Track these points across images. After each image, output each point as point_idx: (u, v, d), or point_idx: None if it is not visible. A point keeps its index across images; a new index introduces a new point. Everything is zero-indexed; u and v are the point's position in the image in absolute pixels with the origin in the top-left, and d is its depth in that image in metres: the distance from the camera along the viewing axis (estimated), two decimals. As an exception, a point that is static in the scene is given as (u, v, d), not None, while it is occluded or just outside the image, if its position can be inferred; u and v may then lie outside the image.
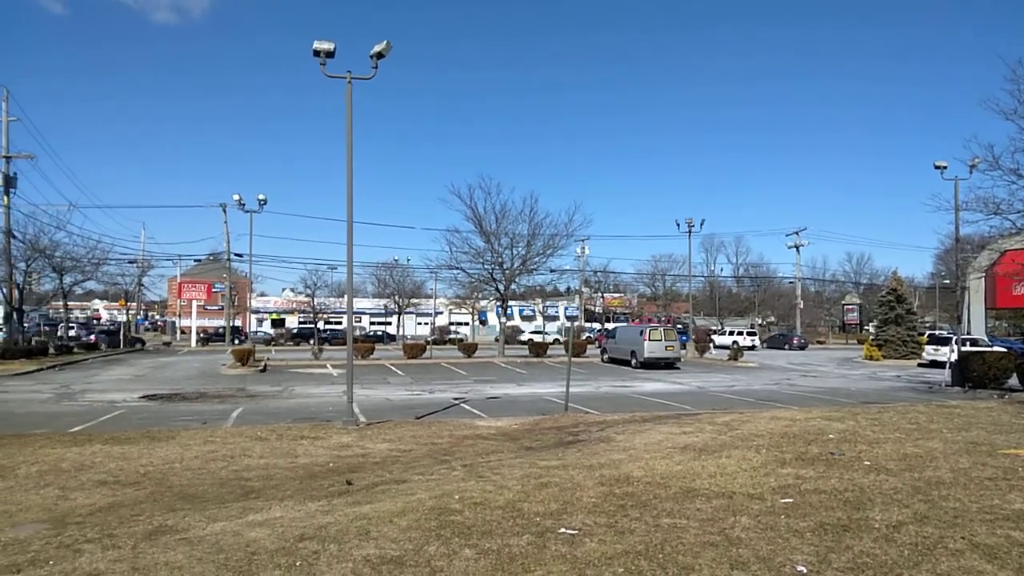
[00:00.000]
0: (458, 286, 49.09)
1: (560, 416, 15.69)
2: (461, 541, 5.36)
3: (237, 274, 64.78)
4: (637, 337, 34.49)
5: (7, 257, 37.23)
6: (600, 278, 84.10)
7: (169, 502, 7.46)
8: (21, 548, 5.71)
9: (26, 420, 15.71)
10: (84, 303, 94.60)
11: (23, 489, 8.16)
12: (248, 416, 16.56)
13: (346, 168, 15.12)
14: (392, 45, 14.28)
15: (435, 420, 15.54)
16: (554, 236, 40.80)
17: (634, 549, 5.15)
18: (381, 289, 75.30)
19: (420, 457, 10.38)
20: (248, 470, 9.38)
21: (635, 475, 7.87)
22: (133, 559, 5.18)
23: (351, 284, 16.38)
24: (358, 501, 6.96)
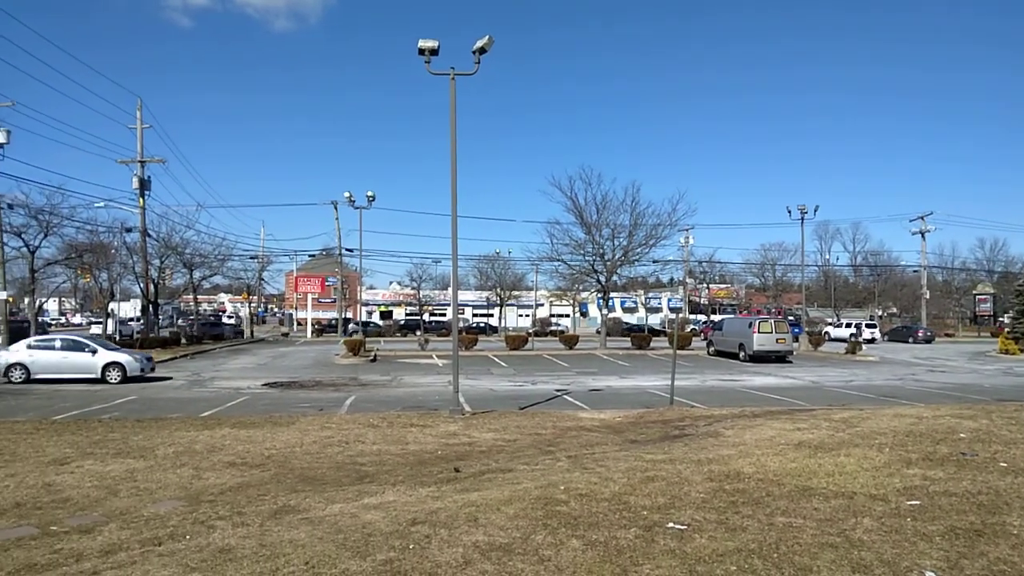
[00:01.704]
0: (559, 278, 49.17)
1: (665, 410, 15.43)
2: (568, 531, 5.39)
3: (348, 268, 67.58)
4: (746, 329, 33.35)
5: (143, 254, 40.51)
6: (705, 268, 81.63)
7: (291, 484, 7.91)
8: (161, 523, 6.23)
9: (164, 405, 17.09)
10: (211, 296, 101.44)
11: (162, 468, 8.88)
12: (360, 404, 17.29)
13: (450, 163, 15.45)
14: (494, 39, 14.42)
15: (538, 411, 15.66)
16: (657, 226, 40.02)
17: (747, 547, 5.00)
18: (483, 281, 76.49)
19: (525, 447, 10.50)
20: (362, 455, 9.80)
21: (746, 471, 7.63)
22: (260, 536, 5.54)
23: (456, 277, 16.74)
24: (466, 488, 7.13)
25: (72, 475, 8.41)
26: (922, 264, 65.34)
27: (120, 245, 41.36)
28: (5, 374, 21.50)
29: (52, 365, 21.90)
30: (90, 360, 22.01)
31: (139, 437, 11.16)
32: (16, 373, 21.54)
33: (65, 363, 21.94)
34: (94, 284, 43.72)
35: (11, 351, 22.26)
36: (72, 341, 23.09)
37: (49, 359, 21.96)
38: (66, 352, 22.17)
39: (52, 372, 21.82)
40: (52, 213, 32.40)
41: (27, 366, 21.65)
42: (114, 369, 21.93)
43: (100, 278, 41.51)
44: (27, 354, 21.90)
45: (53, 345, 22.69)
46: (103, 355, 22.21)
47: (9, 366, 21.60)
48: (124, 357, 22.47)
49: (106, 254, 39.43)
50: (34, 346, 22.50)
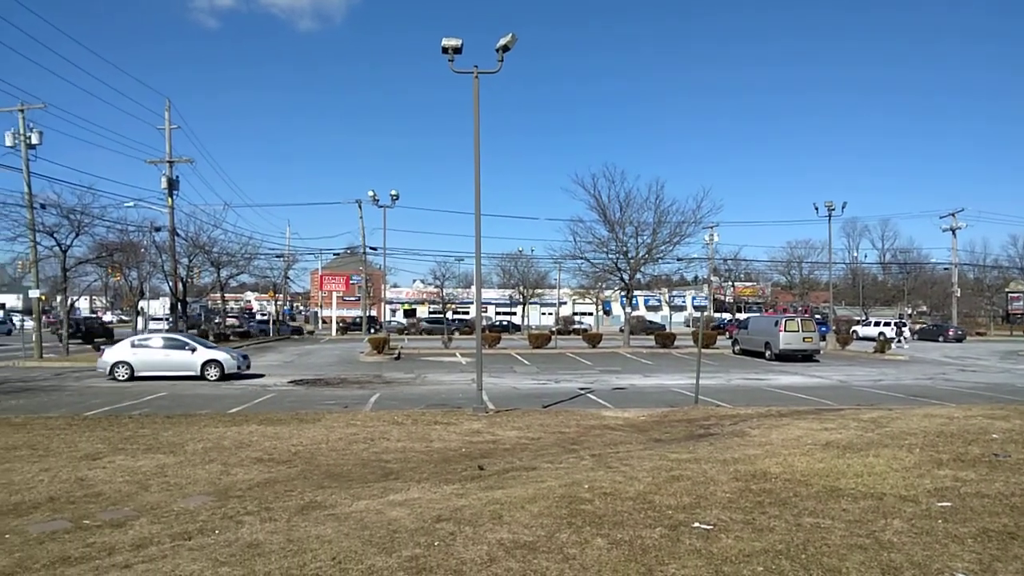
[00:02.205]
0: (582, 276, 48.98)
1: (690, 408, 15.32)
2: (592, 530, 5.38)
3: (372, 266, 68.05)
4: (772, 328, 32.99)
5: (172, 253, 41.13)
6: (730, 266, 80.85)
7: (317, 480, 8.00)
8: (191, 517, 6.33)
9: (192, 402, 17.35)
10: (238, 295, 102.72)
11: (191, 464, 9.02)
12: (385, 401, 17.41)
13: (474, 162, 15.48)
14: (517, 37, 14.41)
15: (562, 409, 15.64)
16: (681, 224, 39.64)
17: (774, 548, 4.95)
18: (506, 279, 76.60)
19: (548, 445, 10.49)
20: (387, 452, 9.87)
21: (772, 471, 7.56)
22: (288, 531, 5.60)
23: (479, 275, 16.77)
24: (490, 486, 7.15)
25: (104, 470, 8.57)
26: (953, 261, 64.09)
27: (149, 244, 42.07)
28: (111, 372, 21.88)
29: (154, 363, 22.28)
30: (190, 358, 22.34)
31: (169, 433, 11.34)
32: (121, 371, 21.91)
33: (167, 361, 22.34)
34: (124, 282, 44.54)
35: (116, 349, 22.64)
36: (172, 339, 23.48)
37: (151, 357, 22.34)
38: (168, 350, 22.55)
39: (154, 370, 22.23)
40: (83, 213, 32.98)
41: (131, 364, 22.01)
42: (213, 367, 22.26)
43: (130, 276, 42.27)
44: (131, 352, 22.26)
45: (155, 343, 23.03)
46: (202, 353, 22.54)
47: (114, 364, 21.97)
48: (222, 355, 22.80)
49: (136, 253, 40.12)
50: (137, 344, 22.84)
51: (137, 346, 22.74)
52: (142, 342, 23.20)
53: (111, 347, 22.97)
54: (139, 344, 22.93)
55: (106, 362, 22.19)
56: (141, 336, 24.48)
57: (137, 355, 22.26)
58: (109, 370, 21.96)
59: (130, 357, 22.15)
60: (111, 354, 22.45)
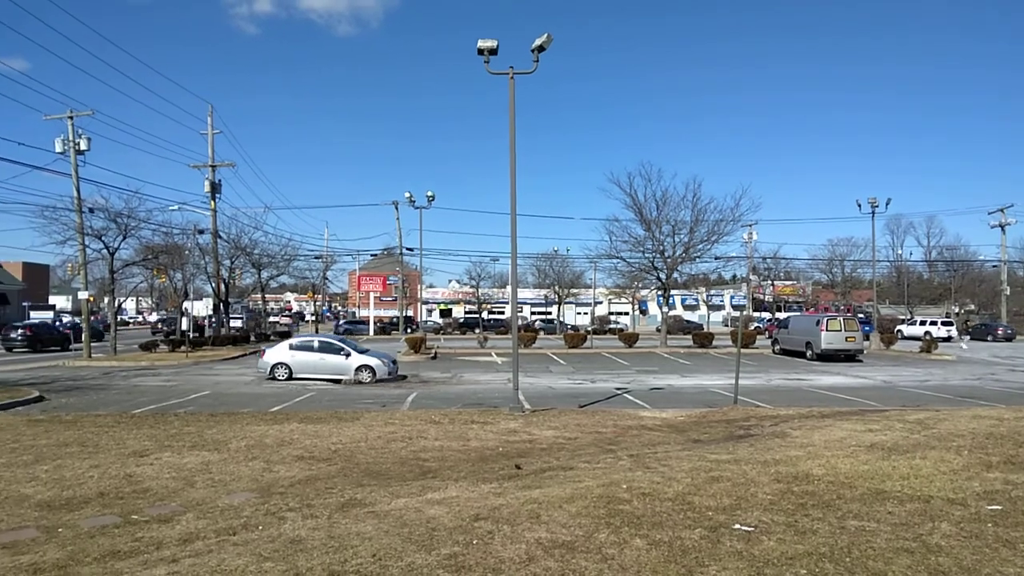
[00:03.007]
0: (618, 275, 48.48)
1: (729, 409, 15.12)
2: (631, 531, 5.34)
3: (408, 267, 68.59)
4: (813, 327, 32.38)
5: (215, 255, 42.07)
6: (770, 265, 79.70)
7: (357, 478, 8.09)
8: (235, 513, 6.46)
9: (235, 400, 17.72)
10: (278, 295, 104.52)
11: (235, 461, 9.20)
12: (422, 400, 17.54)
13: (510, 162, 15.50)
14: (552, 38, 14.38)
15: (598, 409, 15.57)
16: (719, 222, 39.11)
17: (817, 551, 4.87)
18: (541, 279, 76.44)
19: (585, 445, 10.46)
20: (424, 451, 9.95)
21: (815, 473, 7.42)
22: (329, 528, 5.68)
23: (515, 275, 16.79)
24: (528, 485, 7.15)
25: (151, 466, 8.79)
26: (1002, 258, 62.11)
27: (193, 246, 43.05)
28: (271, 372, 22.42)
29: (311, 365, 22.62)
30: (344, 362, 22.57)
31: (213, 431, 11.59)
32: (280, 371, 22.43)
33: (322, 364, 22.61)
34: (169, 284, 45.62)
35: (276, 351, 23.06)
36: (328, 343, 23.66)
37: (308, 359, 22.68)
38: (323, 354, 22.80)
39: (310, 372, 22.53)
40: (130, 216, 33.93)
41: (290, 366, 22.49)
42: (365, 371, 22.40)
43: (175, 278, 43.26)
44: (290, 355, 22.72)
45: (312, 346, 23.29)
46: (356, 358, 22.68)
47: (274, 365, 22.51)
48: (374, 360, 22.82)
49: (180, 255, 41.08)
50: (295, 347, 23.21)
51: (295, 349, 23.08)
52: (299, 345, 23.48)
53: (271, 348, 23.39)
54: (297, 347, 23.25)
55: (266, 363, 22.68)
56: (300, 339, 24.71)
57: (295, 357, 22.66)
58: (269, 371, 22.48)
59: (289, 359, 22.60)
60: (271, 355, 22.85)
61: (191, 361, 30.66)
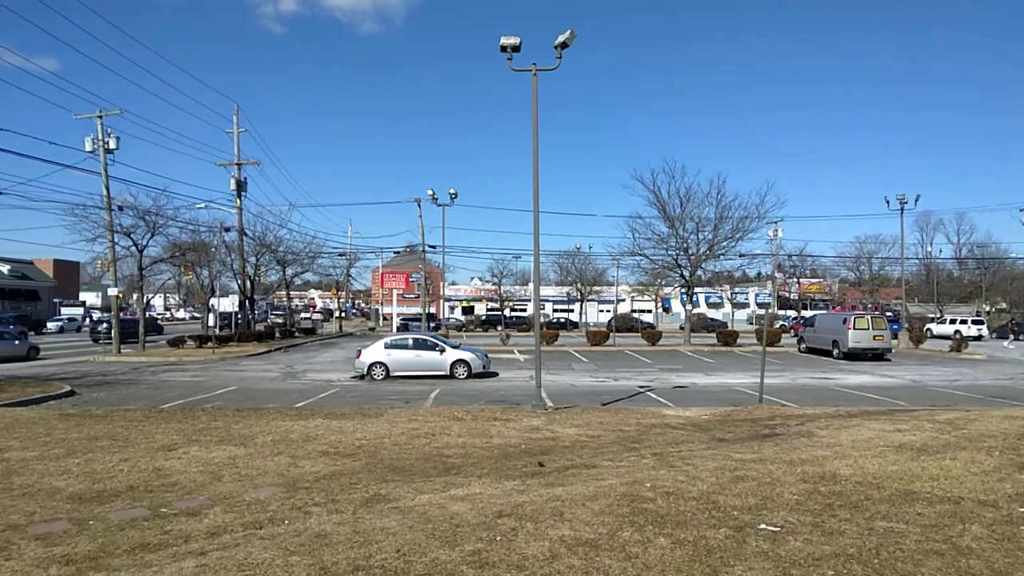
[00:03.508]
0: (641, 273, 48.24)
1: (754, 408, 14.98)
2: (655, 529, 5.32)
3: (431, 264, 68.82)
4: (840, 325, 31.93)
5: (240, 252, 42.57)
6: (796, 262, 78.51)
7: (381, 473, 8.14)
8: (262, 507, 6.54)
9: (261, 395, 17.92)
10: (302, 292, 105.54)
11: (261, 456, 9.31)
12: (444, 397, 17.60)
13: (532, 159, 15.47)
14: (576, 34, 14.32)
15: (621, 407, 15.51)
16: (744, 219, 38.69)
17: (844, 552, 4.80)
18: (563, 277, 76.27)
19: (608, 443, 10.42)
20: (448, 447, 9.98)
21: (842, 473, 7.33)
22: (354, 523, 5.73)
23: (537, 272, 16.77)
24: (551, 483, 7.15)
25: (179, 460, 8.93)
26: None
27: (219, 244, 43.59)
28: (368, 372, 22.32)
29: (407, 363, 22.62)
30: (439, 358, 22.56)
31: (239, 426, 11.74)
32: (377, 371, 22.33)
33: (418, 361, 22.63)
34: (196, 281, 46.27)
35: (372, 350, 22.84)
36: (422, 340, 23.69)
37: (404, 357, 22.68)
38: (419, 351, 22.80)
39: (407, 370, 22.55)
40: (158, 214, 34.44)
41: (387, 365, 22.43)
42: (461, 366, 22.45)
43: (201, 275, 43.88)
44: (385, 353, 22.64)
45: (407, 344, 23.29)
46: (451, 353, 22.71)
47: (371, 365, 22.40)
48: (468, 355, 22.90)
49: (207, 252, 41.63)
50: (391, 345, 23.10)
51: (390, 347, 23.00)
52: (394, 343, 23.38)
53: (366, 349, 23.16)
54: (392, 345, 23.18)
55: (363, 363, 22.59)
56: (395, 337, 24.59)
57: (391, 356, 22.63)
58: (366, 370, 22.41)
59: (385, 358, 22.55)
60: (368, 355, 22.70)
61: (218, 357, 31.07)
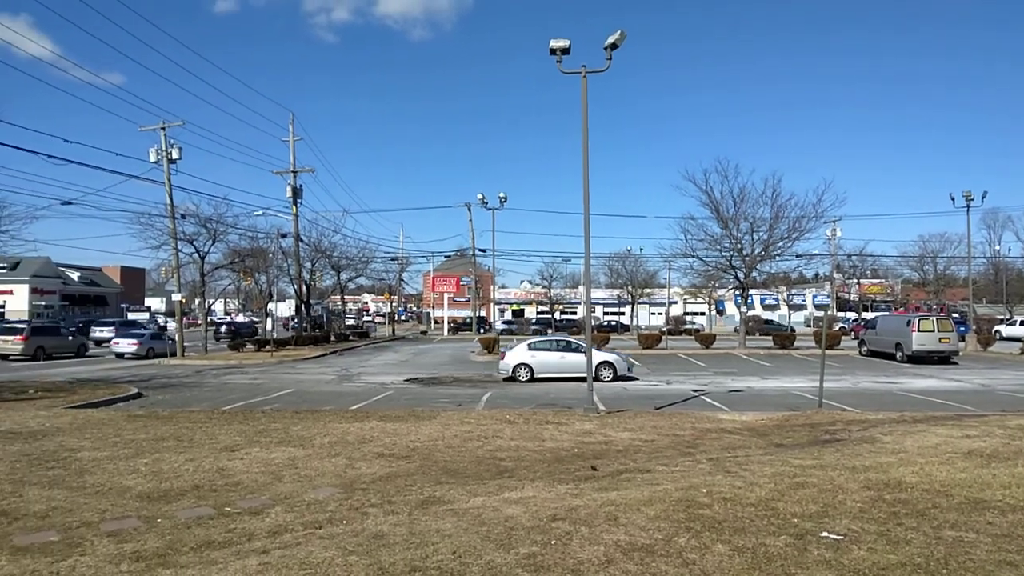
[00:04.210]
0: (693, 274, 47.60)
1: (813, 412, 14.60)
2: (712, 536, 5.24)
3: (481, 268, 69.23)
4: (903, 327, 30.88)
5: (296, 258, 43.60)
6: (855, 262, 76.17)
7: (435, 475, 8.23)
8: (321, 508, 6.68)
9: (317, 398, 18.32)
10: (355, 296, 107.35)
11: (319, 457, 9.51)
12: (496, 400, 17.68)
13: (582, 161, 15.44)
14: (626, 34, 14.24)
15: (675, 411, 15.31)
16: (800, 218, 37.69)
17: (911, 561, 4.64)
18: (614, 279, 75.77)
19: (662, 448, 10.31)
20: (500, 450, 10.02)
21: (908, 481, 7.08)
22: (410, 524, 5.81)
23: (588, 275, 16.71)
24: (604, 487, 7.11)
25: (241, 461, 9.19)
26: (1117, 253, 57.48)
27: (276, 250, 44.80)
28: (512, 373, 22.49)
29: (552, 365, 22.67)
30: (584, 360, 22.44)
31: (298, 428, 12.02)
32: (522, 372, 22.50)
33: (563, 363, 22.59)
34: (255, 286, 47.61)
35: (516, 352, 23.07)
36: (566, 342, 23.85)
37: (549, 359, 22.76)
38: (563, 353, 22.86)
39: (551, 372, 22.55)
40: (218, 222, 35.67)
41: (531, 366, 22.55)
42: (606, 368, 22.34)
43: (260, 280, 45.12)
44: (530, 355, 22.83)
45: (551, 346, 23.46)
46: (596, 355, 22.00)
47: (516, 366, 22.60)
48: (613, 357, 22.93)
49: (264, 258, 42.84)
50: (534, 347, 23.33)
51: (534, 349, 23.18)
52: (538, 345, 23.57)
53: (510, 351, 23.35)
54: (536, 347, 23.35)
55: (508, 364, 22.77)
56: (537, 339, 24.74)
57: (536, 357, 22.74)
58: (511, 371, 22.57)
59: (529, 360, 22.67)
60: (512, 357, 22.89)
61: (275, 360, 31.89)
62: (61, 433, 11.39)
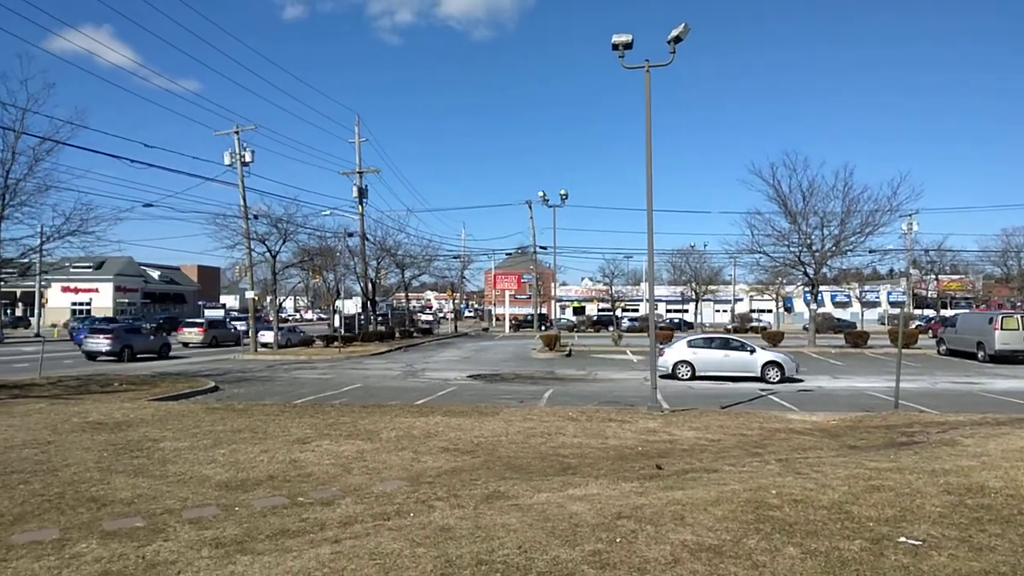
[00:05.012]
0: (760, 271, 46.12)
1: (889, 414, 14.06)
2: (783, 538, 5.13)
3: (542, 265, 69.29)
4: (985, 326, 29.37)
5: (362, 256, 44.57)
6: (933, 258, 72.85)
7: (499, 471, 8.31)
8: (388, 500, 6.83)
9: (383, 393, 18.71)
10: (419, 294, 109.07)
11: (386, 451, 9.72)
12: (558, 397, 17.68)
13: (645, 158, 15.27)
14: (690, 28, 14.01)
15: (742, 411, 14.99)
16: (874, 212, 36.25)
17: (995, 569, 4.45)
18: (677, 276, 74.58)
19: (729, 448, 10.12)
20: (563, 447, 10.03)
21: (991, 485, 6.76)
22: (475, 518, 5.89)
23: (652, 272, 16.52)
24: (670, 486, 7.04)
25: (312, 453, 9.48)
26: None
27: (343, 248, 45.92)
28: (672, 371, 22.11)
29: (714, 363, 22.26)
30: (750, 359, 22.00)
31: (366, 421, 12.31)
32: (683, 370, 22.17)
33: (727, 361, 22.17)
34: (323, 284, 48.90)
35: (676, 349, 22.81)
36: (726, 340, 23.64)
37: (712, 357, 22.36)
38: (726, 351, 22.45)
39: (714, 370, 22.16)
40: (289, 222, 36.76)
41: (692, 364, 22.21)
42: (773, 368, 21.67)
43: (327, 278, 46.32)
44: (690, 352, 22.49)
45: (712, 343, 23.12)
46: (762, 354, 22.18)
47: (676, 363, 22.27)
48: (781, 357, 22.28)
49: (332, 257, 43.96)
50: (694, 344, 22.98)
51: (694, 347, 22.81)
52: (698, 342, 23.24)
53: (670, 348, 23.09)
54: (696, 344, 23.03)
55: (667, 362, 22.32)
56: (696, 337, 24.37)
57: (697, 355, 22.41)
58: (671, 369, 22.21)
59: (691, 357, 22.35)
60: (672, 354, 22.60)
61: (343, 356, 32.71)
62: (144, 424, 11.99)
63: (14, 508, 6.59)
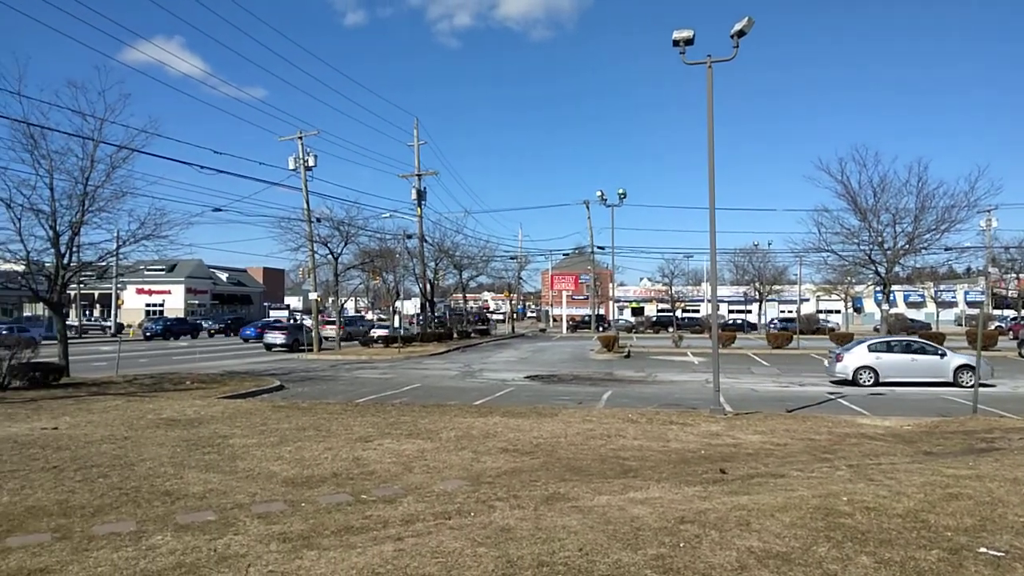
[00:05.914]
0: (827, 270, 44.57)
1: (967, 419, 13.41)
2: (855, 547, 4.94)
3: (600, 265, 68.79)
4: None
5: (421, 258, 45.16)
6: (1014, 255, 69.18)
7: (559, 472, 8.27)
8: (449, 499, 6.89)
9: (442, 393, 18.89)
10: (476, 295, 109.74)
11: (446, 450, 9.81)
12: (617, 399, 17.51)
13: (708, 155, 14.99)
14: (754, 21, 13.68)
15: (809, 414, 14.55)
16: (950, 208, 34.52)
17: (1091, 587, 4.18)
18: (739, 276, 72.92)
19: (796, 452, 9.83)
20: (623, 450, 9.92)
21: (1083, 497, 6.37)
22: (535, 519, 5.88)
23: (715, 271, 16.21)
24: (734, 491, 6.88)
25: (375, 451, 9.65)
26: None
27: (403, 250, 46.61)
28: (853, 377, 20.84)
29: (900, 368, 20.96)
30: (940, 363, 20.85)
31: (425, 421, 12.46)
32: (865, 376, 20.80)
33: (914, 366, 20.91)
34: (383, 285, 49.76)
35: (855, 354, 21.47)
36: (909, 343, 22.45)
37: (897, 361, 21.07)
38: (913, 355, 21.21)
39: (900, 375, 20.83)
40: (350, 224, 37.56)
41: (875, 369, 20.88)
42: (966, 372, 20.16)
43: (387, 280, 47.11)
44: (872, 357, 21.11)
45: (895, 347, 21.80)
46: (953, 358, 20.90)
47: (857, 369, 20.93)
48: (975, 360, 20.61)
49: (392, 258, 44.69)
50: (874, 348, 21.55)
51: (875, 350, 21.40)
52: (879, 346, 21.77)
53: (848, 352, 21.81)
54: (877, 348, 21.59)
55: (847, 367, 21.12)
56: (877, 340, 22.76)
57: (880, 360, 21.03)
58: (852, 375, 20.93)
59: (873, 362, 20.98)
60: (851, 359, 21.26)
61: (402, 356, 33.20)
62: (214, 421, 12.42)
63: (94, 500, 6.91)
